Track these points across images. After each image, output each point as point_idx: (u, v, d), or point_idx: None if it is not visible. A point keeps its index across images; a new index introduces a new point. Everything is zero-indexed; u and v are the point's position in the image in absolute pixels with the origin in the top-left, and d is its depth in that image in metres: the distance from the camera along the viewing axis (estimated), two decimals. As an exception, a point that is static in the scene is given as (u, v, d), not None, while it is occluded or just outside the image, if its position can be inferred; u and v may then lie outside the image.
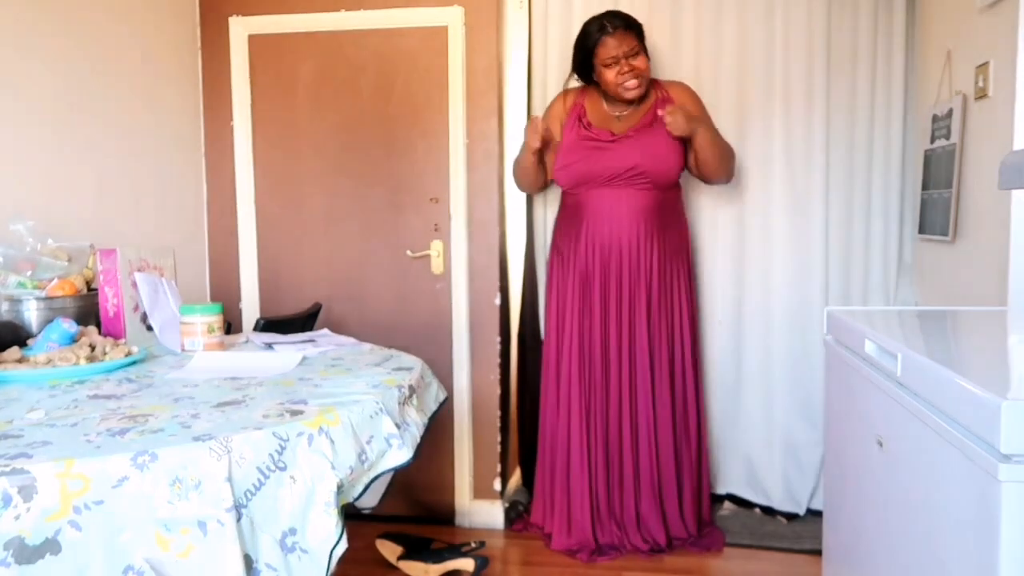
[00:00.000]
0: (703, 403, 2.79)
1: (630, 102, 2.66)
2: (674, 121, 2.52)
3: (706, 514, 2.76)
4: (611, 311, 2.64)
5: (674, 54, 2.92)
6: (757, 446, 2.96)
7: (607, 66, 2.59)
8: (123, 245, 1.88)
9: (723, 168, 2.65)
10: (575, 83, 2.81)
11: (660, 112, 2.57)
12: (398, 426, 1.34)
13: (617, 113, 2.69)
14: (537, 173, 2.73)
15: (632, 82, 2.58)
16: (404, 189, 2.92)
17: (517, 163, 2.76)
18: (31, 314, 1.75)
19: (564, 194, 2.78)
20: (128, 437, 1.08)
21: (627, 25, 2.57)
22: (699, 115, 2.65)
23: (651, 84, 2.71)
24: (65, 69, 2.26)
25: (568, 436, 2.69)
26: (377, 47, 2.88)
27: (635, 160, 2.58)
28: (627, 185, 2.60)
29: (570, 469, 2.69)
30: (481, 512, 2.92)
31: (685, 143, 2.63)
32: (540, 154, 2.69)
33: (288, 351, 1.79)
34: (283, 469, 1.11)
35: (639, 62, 2.57)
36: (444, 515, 2.95)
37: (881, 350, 1.35)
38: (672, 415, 2.67)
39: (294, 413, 1.22)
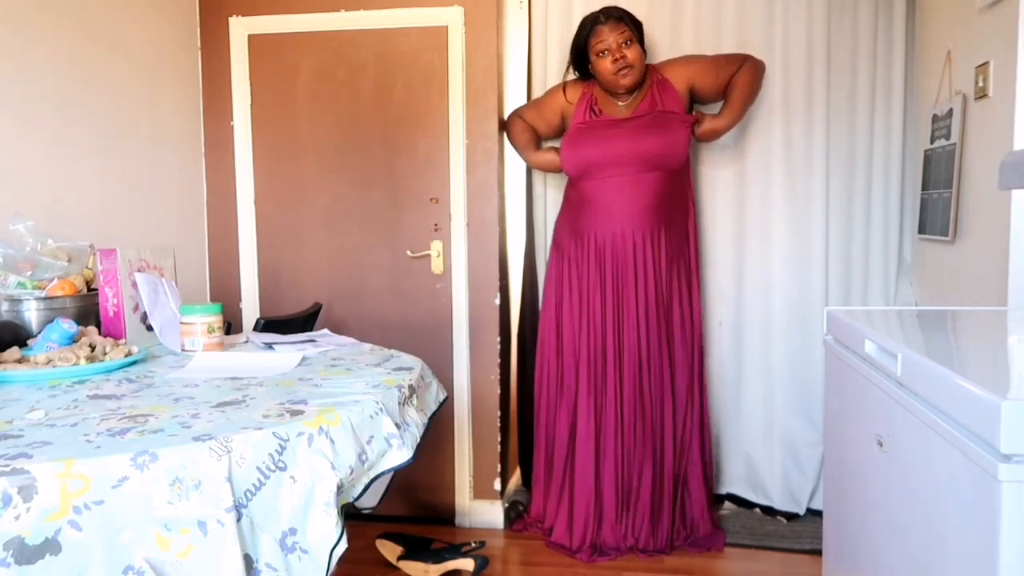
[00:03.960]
0: (707, 400, 2.79)
1: (625, 91, 2.67)
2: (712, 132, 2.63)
3: (706, 517, 2.75)
4: (618, 306, 2.64)
5: (674, 54, 2.91)
6: (757, 446, 2.96)
7: (600, 56, 2.61)
8: (123, 245, 1.88)
9: (755, 97, 2.74)
10: (572, 78, 2.82)
11: (697, 127, 2.64)
12: (398, 426, 1.34)
13: (621, 103, 2.71)
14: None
15: (624, 72, 2.60)
16: (404, 189, 2.92)
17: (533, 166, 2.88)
18: (31, 314, 1.75)
19: (567, 190, 2.79)
20: (128, 437, 1.08)
21: (620, 17, 2.61)
22: (695, 68, 2.69)
23: (647, 69, 2.73)
24: (65, 69, 2.26)
25: (570, 433, 2.69)
26: (377, 47, 2.88)
27: (642, 144, 2.59)
28: (633, 173, 2.60)
29: (572, 468, 2.69)
30: (481, 512, 2.92)
31: (693, 103, 2.73)
32: (537, 139, 2.82)
33: (288, 351, 1.79)
34: (283, 469, 1.11)
35: (631, 52, 2.59)
36: (444, 515, 2.95)
37: (881, 350, 1.35)
38: (674, 413, 2.67)
39: (294, 413, 1.22)
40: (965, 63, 2.29)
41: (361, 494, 1.26)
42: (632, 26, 2.62)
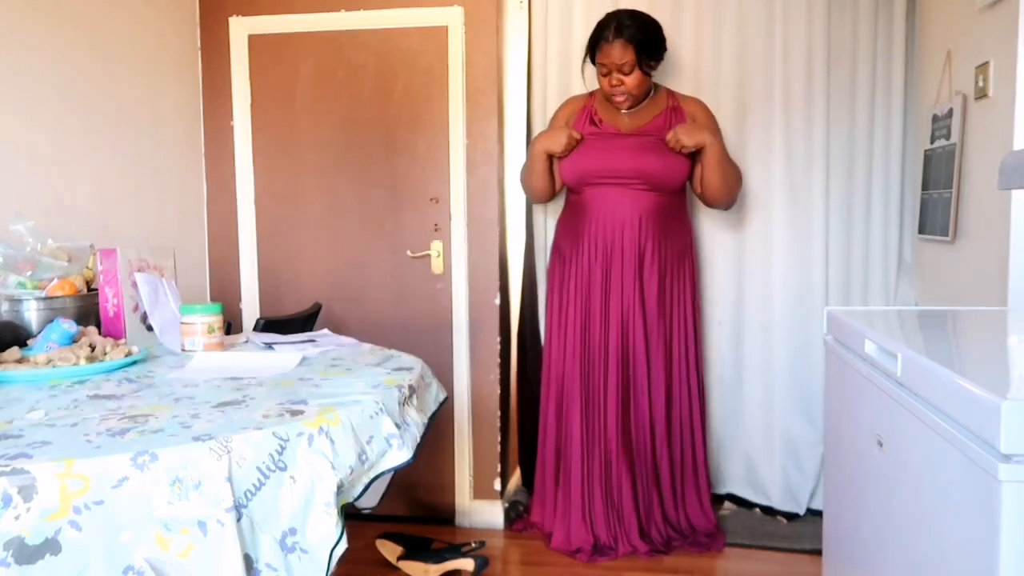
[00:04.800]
0: (705, 404, 2.79)
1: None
2: (674, 137, 2.52)
3: (709, 514, 2.75)
4: (612, 311, 2.64)
5: (674, 55, 2.92)
6: (757, 446, 2.96)
7: (602, 74, 2.60)
8: (123, 245, 1.88)
9: (725, 191, 2.62)
10: (588, 66, 2.78)
11: (668, 136, 2.55)
12: (398, 426, 1.34)
13: (623, 111, 2.69)
14: (548, 177, 2.71)
15: (619, 98, 2.59)
16: (404, 189, 2.92)
17: (528, 170, 2.74)
18: (31, 314, 1.75)
19: (568, 194, 2.79)
20: (128, 437, 1.08)
21: (631, 38, 2.49)
22: (710, 129, 2.60)
23: (666, 91, 2.72)
24: (65, 69, 2.26)
25: (569, 436, 2.69)
26: (377, 47, 2.88)
27: (642, 163, 2.58)
28: (632, 187, 2.60)
29: (571, 470, 2.68)
30: (481, 512, 2.92)
31: (693, 155, 2.62)
32: (550, 161, 2.68)
33: (288, 351, 1.79)
34: (283, 469, 1.11)
35: (630, 79, 2.55)
36: (444, 515, 2.95)
37: (881, 350, 1.35)
38: (668, 415, 2.67)
39: (294, 413, 1.22)
40: (965, 63, 2.29)
41: (361, 494, 1.26)
42: (640, 50, 2.51)
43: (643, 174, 2.58)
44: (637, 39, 2.51)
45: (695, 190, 2.71)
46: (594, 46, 2.61)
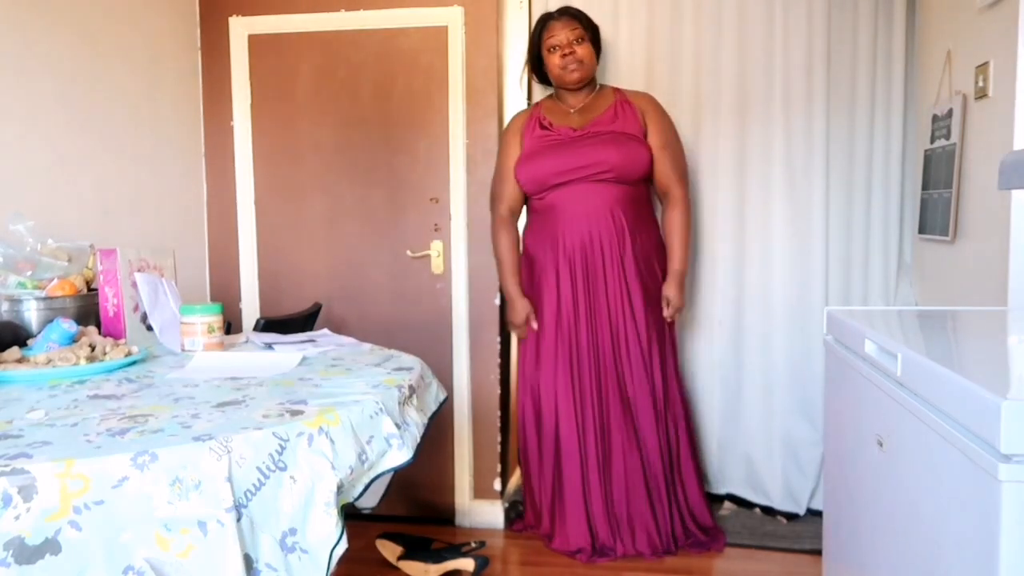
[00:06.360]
0: (686, 398, 2.77)
1: (575, 88, 2.67)
2: (673, 310, 2.66)
3: (705, 514, 2.75)
4: (599, 307, 2.62)
5: (674, 55, 2.92)
6: (757, 446, 2.96)
7: (550, 51, 2.64)
8: (123, 245, 1.88)
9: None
10: (526, 78, 2.85)
11: (667, 313, 2.67)
12: (398, 426, 1.34)
13: (572, 108, 2.70)
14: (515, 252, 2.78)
15: (572, 66, 2.62)
16: (404, 189, 2.92)
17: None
18: (31, 314, 1.75)
19: (531, 203, 2.75)
20: (128, 437, 1.08)
21: (575, 14, 2.65)
22: (659, 121, 2.67)
23: (612, 88, 2.74)
24: (65, 69, 2.26)
25: (560, 438, 2.67)
26: (377, 47, 2.88)
27: (603, 154, 2.57)
28: (597, 181, 2.59)
29: (564, 471, 2.66)
30: (481, 512, 2.92)
31: (646, 137, 2.66)
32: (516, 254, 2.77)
33: (288, 351, 1.79)
34: (283, 469, 1.11)
35: (581, 49, 2.61)
36: (444, 515, 2.95)
37: (881, 350, 1.35)
38: (655, 411, 2.65)
39: (294, 413, 1.22)
40: (965, 63, 2.29)
41: (361, 494, 1.26)
42: (586, 27, 2.64)
43: (606, 165, 2.57)
44: (581, 15, 2.66)
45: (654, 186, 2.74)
46: (536, 43, 2.69)
